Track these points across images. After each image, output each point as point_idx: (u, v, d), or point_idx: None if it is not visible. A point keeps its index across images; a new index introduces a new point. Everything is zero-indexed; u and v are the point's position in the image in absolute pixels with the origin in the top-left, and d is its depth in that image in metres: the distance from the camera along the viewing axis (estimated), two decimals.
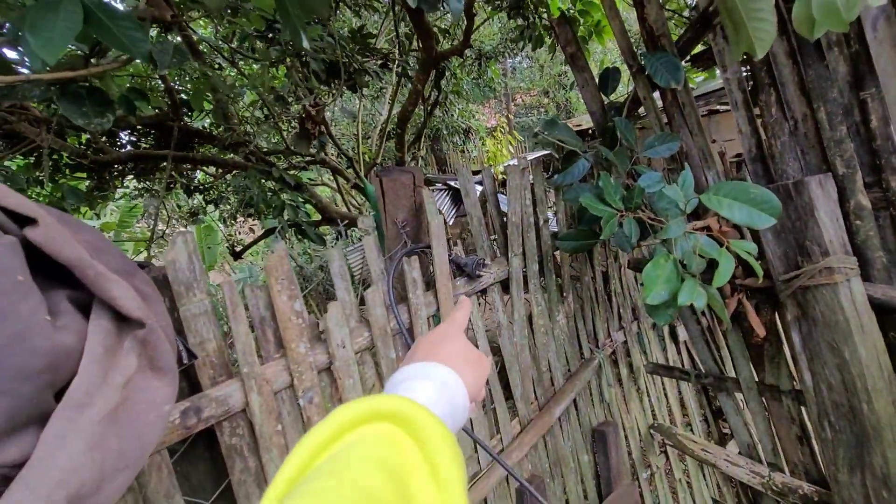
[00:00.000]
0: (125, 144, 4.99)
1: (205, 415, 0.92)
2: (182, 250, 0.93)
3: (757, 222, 1.13)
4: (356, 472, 0.32)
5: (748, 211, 1.14)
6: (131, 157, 4.53)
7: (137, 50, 1.16)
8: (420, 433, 0.36)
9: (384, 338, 1.22)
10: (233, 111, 4.44)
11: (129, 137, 5.08)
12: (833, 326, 1.42)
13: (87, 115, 1.41)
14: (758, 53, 0.98)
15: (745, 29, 0.97)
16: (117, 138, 4.85)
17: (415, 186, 1.41)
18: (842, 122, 1.45)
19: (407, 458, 0.35)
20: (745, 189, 1.16)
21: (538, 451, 1.70)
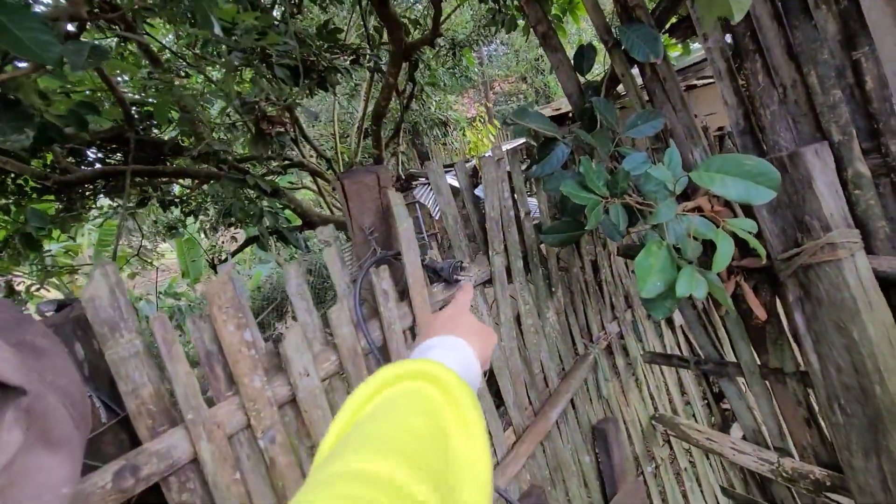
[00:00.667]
0: (93, 162, 4.77)
1: (144, 473, 0.80)
2: (102, 285, 0.79)
3: (755, 197, 1.03)
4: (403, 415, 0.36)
5: (744, 185, 1.03)
6: (99, 175, 4.33)
7: (46, 54, 1.02)
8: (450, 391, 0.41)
9: (354, 359, 1.09)
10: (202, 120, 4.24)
11: (96, 155, 4.86)
12: (839, 305, 1.33)
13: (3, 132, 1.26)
14: (736, 16, 0.87)
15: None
16: (84, 156, 4.64)
17: (380, 187, 1.28)
18: (834, 85, 1.35)
19: (442, 409, 0.39)
20: (739, 162, 1.05)
21: (536, 459, 1.60)
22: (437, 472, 0.33)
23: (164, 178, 4.89)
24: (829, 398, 1.45)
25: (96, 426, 0.78)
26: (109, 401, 0.83)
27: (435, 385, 0.42)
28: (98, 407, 0.72)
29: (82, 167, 4.45)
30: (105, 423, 0.78)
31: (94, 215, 6.30)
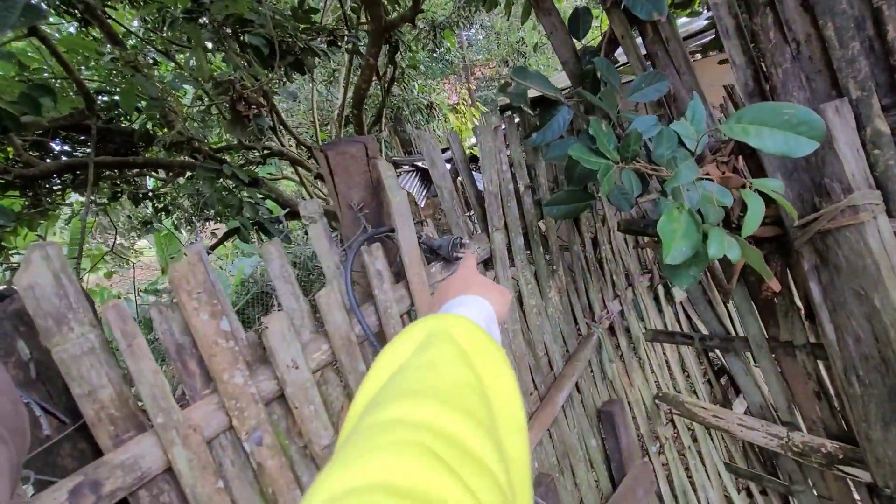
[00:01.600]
0: (58, 154, 4.51)
1: (107, 489, 0.67)
2: (42, 270, 0.66)
3: (795, 149, 0.93)
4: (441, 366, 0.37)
5: (783, 137, 0.94)
6: (63, 168, 4.09)
7: None
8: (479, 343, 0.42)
9: (348, 348, 0.98)
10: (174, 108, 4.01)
11: (61, 146, 4.59)
12: (860, 272, 1.26)
13: None
14: None
15: None
16: (48, 149, 4.37)
17: (368, 159, 1.16)
18: (853, 37, 1.26)
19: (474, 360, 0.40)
20: (777, 110, 0.95)
21: (544, 446, 1.52)
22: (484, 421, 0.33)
23: (134, 169, 4.65)
24: (846, 369, 1.40)
25: (41, 439, 0.65)
26: (64, 406, 0.70)
27: (464, 336, 0.42)
28: (39, 416, 0.60)
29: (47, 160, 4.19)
30: (49, 435, 0.65)
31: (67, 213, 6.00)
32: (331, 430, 0.94)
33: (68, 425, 0.66)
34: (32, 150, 4.10)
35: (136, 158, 4.32)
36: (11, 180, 3.63)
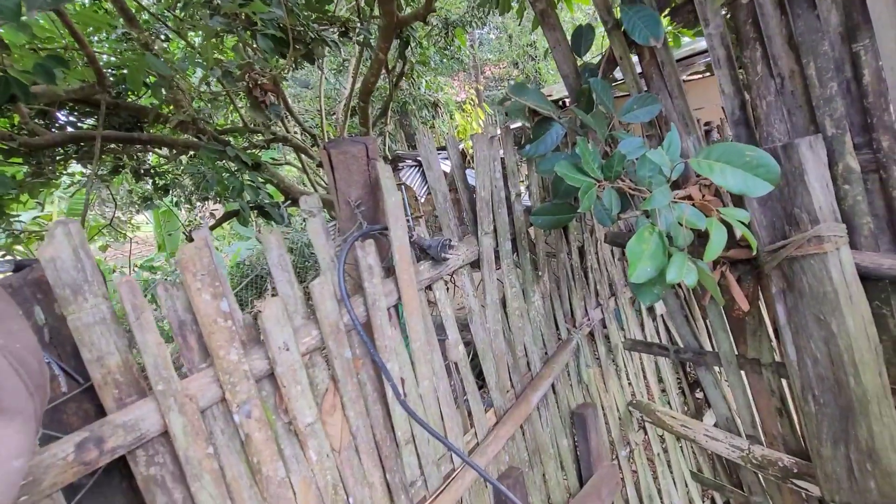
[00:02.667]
0: (64, 126, 4.56)
1: (109, 445, 0.75)
2: (64, 245, 0.73)
3: (752, 189, 1.02)
4: None
5: (743, 176, 1.02)
6: (69, 139, 4.13)
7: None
8: None
9: (336, 335, 1.06)
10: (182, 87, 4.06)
11: (67, 118, 4.63)
12: (821, 298, 1.35)
13: None
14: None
15: None
16: (54, 119, 4.41)
17: (368, 159, 1.23)
18: (832, 78, 1.34)
19: None
20: (740, 152, 1.03)
21: (516, 441, 1.60)
22: None
23: (139, 144, 4.69)
24: (803, 388, 1.48)
25: (57, 396, 0.72)
26: (72, 369, 0.78)
27: None
28: (58, 375, 0.67)
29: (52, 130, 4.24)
30: (66, 392, 0.72)
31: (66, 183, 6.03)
32: (315, 409, 1.02)
33: (81, 385, 0.74)
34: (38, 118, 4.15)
35: (141, 135, 4.37)
36: (16, 148, 3.67)
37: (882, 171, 1.33)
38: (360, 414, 1.11)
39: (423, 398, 1.27)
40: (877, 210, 1.37)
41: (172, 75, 3.50)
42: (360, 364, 1.12)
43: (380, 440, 1.16)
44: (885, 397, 1.36)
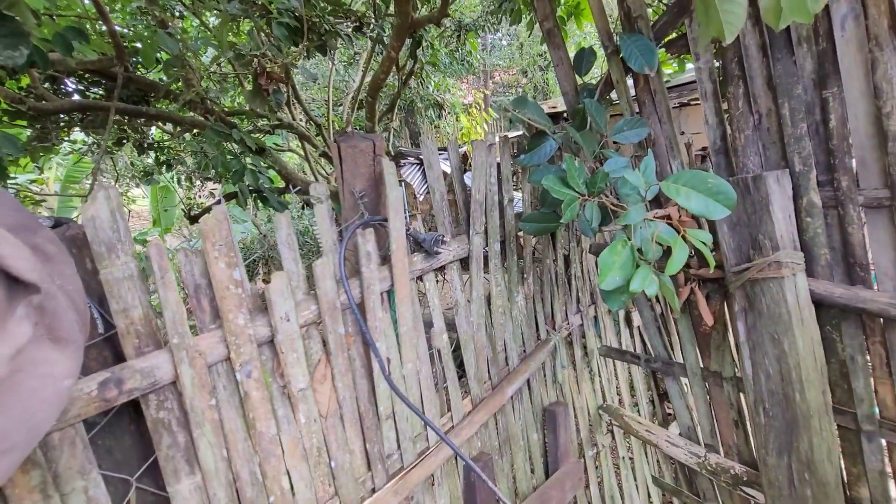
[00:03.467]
0: (72, 93, 4.61)
1: (127, 387, 0.85)
2: (104, 206, 0.83)
3: (712, 212, 1.14)
4: None
5: (704, 201, 1.14)
6: (77, 108, 4.19)
7: None
8: None
9: (332, 312, 1.16)
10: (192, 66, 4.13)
11: (76, 86, 4.69)
12: (776, 319, 1.47)
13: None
14: (726, 38, 0.95)
15: (715, 11, 0.94)
16: (62, 85, 4.47)
17: (375, 155, 1.34)
18: (803, 119, 1.47)
19: None
20: (704, 179, 1.16)
21: (489, 429, 1.71)
22: None
23: (147, 119, 4.76)
24: (756, 401, 1.61)
25: (94, 335, 0.82)
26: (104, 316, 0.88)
27: None
28: (96, 318, 0.77)
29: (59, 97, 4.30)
30: (102, 333, 0.83)
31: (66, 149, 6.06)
32: (307, 377, 1.12)
33: (113, 329, 0.84)
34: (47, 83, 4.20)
35: (150, 109, 4.44)
36: (24, 111, 3.73)
37: (840, 209, 1.46)
38: (348, 386, 1.22)
39: (405, 379, 1.38)
40: (834, 243, 1.50)
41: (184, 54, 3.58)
42: (351, 341, 1.23)
43: (363, 412, 1.26)
44: (826, 414, 1.49)
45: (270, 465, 1.06)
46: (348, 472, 1.22)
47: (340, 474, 1.20)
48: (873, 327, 1.47)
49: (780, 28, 1.01)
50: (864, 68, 1.35)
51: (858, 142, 1.40)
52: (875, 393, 1.52)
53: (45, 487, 0.77)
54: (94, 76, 4.25)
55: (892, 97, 1.30)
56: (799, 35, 1.44)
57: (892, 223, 1.38)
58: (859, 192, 1.41)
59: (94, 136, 5.33)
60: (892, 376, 1.47)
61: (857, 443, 1.57)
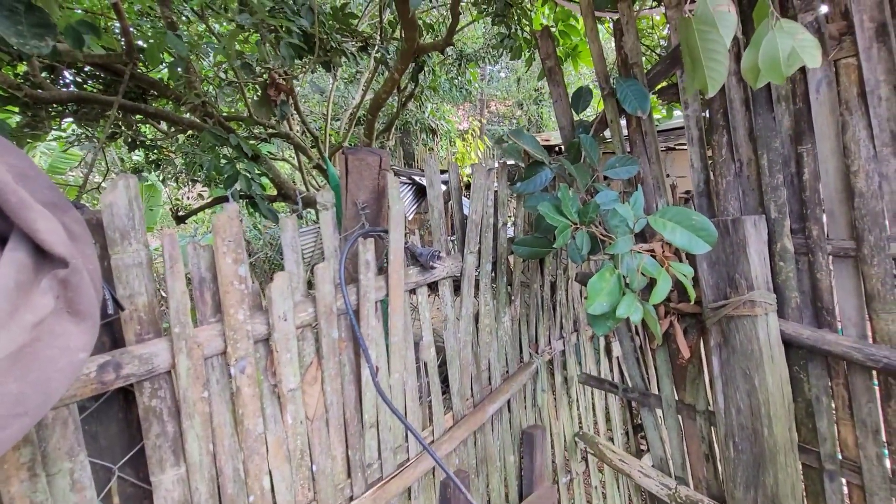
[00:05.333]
0: (69, 84, 4.61)
1: (125, 372, 0.86)
2: (122, 194, 0.86)
3: (694, 247, 1.22)
4: None
5: (688, 236, 1.22)
6: (74, 99, 4.18)
7: None
8: None
9: (328, 316, 1.19)
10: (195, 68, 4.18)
11: (73, 77, 4.69)
12: (748, 355, 1.55)
13: (22, 35, 1.28)
14: (709, 91, 1.05)
15: (701, 67, 1.04)
16: (60, 76, 4.47)
17: (380, 169, 1.40)
18: (780, 170, 1.58)
19: None
20: (688, 215, 1.24)
21: (467, 446, 1.73)
22: None
23: (146, 116, 4.76)
24: (726, 434, 1.67)
25: (105, 316, 0.84)
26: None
27: None
28: (108, 300, 0.79)
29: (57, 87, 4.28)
30: (112, 314, 0.84)
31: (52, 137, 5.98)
32: (298, 378, 1.14)
33: (122, 310, 0.85)
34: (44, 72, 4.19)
35: (149, 107, 4.45)
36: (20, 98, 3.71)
37: (811, 256, 1.56)
38: (336, 391, 1.24)
39: (392, 388, 1.40)
40: (804, 287, 1.60)
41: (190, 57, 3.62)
42: (343, 346, 1.25)
43: (348, 419, 1.28)
44: (792, 450, 1.55)
45: (254, 464, 1.07)
46: (329, 477, 1.22)
47: (321, 479, 1.21)
48: (837, 370, 1.56)
49: (758, 86, 1.11)
50: (836, 129, 1.48)
51: (828, 195, 1.52)
52: (837, 433, 1.59)
53: (34, 465, 0.77)
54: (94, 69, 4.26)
55: (858, 157, 1.43)
56: (778, 94, 1.57)
57: (856, 272, 1.49)
58: (828, 242, 1.52)
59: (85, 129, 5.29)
60: (853, 418, 1.55)
61: (819, 481, 1.64)
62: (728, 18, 1.06)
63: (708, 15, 1.07)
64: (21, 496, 0.77)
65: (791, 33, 1.05)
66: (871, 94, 1.39)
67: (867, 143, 1.41)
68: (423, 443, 1.17)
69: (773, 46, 1.06)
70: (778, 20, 1.07)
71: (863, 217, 1.43)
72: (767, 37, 1.06)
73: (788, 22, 1.07)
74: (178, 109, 4.59)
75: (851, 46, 1.41)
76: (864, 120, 1.41)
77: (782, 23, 1.07)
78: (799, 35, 1.05)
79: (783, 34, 1.05)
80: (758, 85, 1.11)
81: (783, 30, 1.06)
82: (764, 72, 1.07)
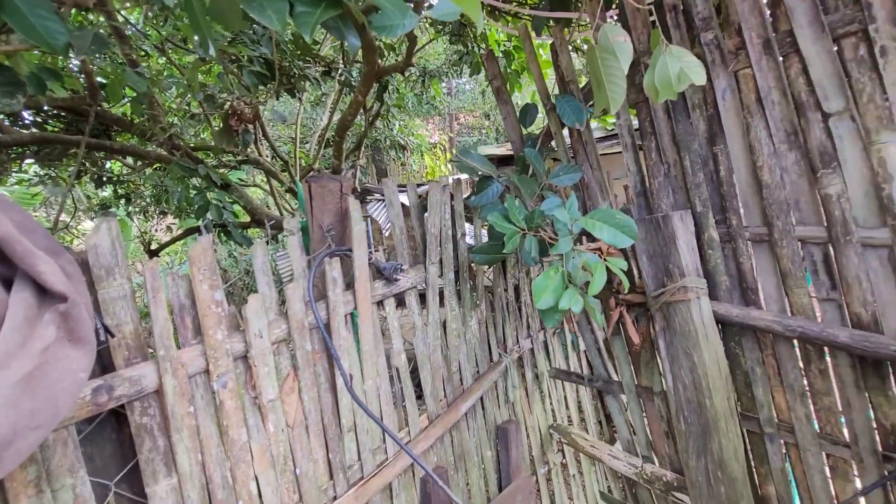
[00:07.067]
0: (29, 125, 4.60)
1: (117, 393, 0.97)
2: (105, 236, 0.97)
3: (619, 242, 1.39)
4: None
5: (613, 232, 1.40)
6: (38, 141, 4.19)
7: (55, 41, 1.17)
8: None
9: (301, 331, 1.31)
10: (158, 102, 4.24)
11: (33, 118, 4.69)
12: (687, 335, 1.73)
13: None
14: (611, 109, 1.23)
15: (604, 89, 1.22)
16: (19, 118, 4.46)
17: (342, 194, 1.53)
18: (700, 169, 1.78)
19: None
20: (613, 215, 1.41)
21: (444, 444, 1.85)
22: None
23: (111, 152, 4.78)
24: (677, 410, 1.84)
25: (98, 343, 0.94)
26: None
27: None
28: (99, 329, 0.89)
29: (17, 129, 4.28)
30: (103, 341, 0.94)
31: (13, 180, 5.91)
32: (276, 389, 1.25)
33: (113, 336, 0.96)
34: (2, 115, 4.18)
35: (114, 143, 4.48)
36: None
37: (733, 242, 1.76)
38: (313, 399, 1.35)
39: (366, 394, 1.52)
40: (731, 271, 1.79)
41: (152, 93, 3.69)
42: (317, 357, 1.37)
43: (327, 424, 1.39)
44: (732, 417, 1.73)
45: (240, 471, 1.17)
46: (312, 479, 1.33)
47: (304, 481, 1.31)
48: (766, 342, 1.75)
49: (659, 101, 1.30)
50: (741, 130, 1.68)
51: (742, 188, 1.72)
52: (772, 399, 1.78)
53: (39, 482, 0.87)
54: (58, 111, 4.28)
55: (762, 154, 1.63)
56: (693, 102, 1.78)
57: (772, 254, 1.68)
58: (746, 229, 1.72)
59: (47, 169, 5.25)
60: (783, 384, 1.74)
61: (762, 444, 1.82)
62: (625, 48, 1.25)
63: (608, 45, 1.25)
64: None
65: (679, 57, 1.24)
66: (765, 99, 1.60)
67: (768, 141, 1.62)
68: (398, 441, 1.29)
69: (665, 68, 1.25)
70: (668, 46, 1.26)
71: (771, 206, 1.63)
72: (660, 61, 1.25)
73: (677, 48, 1.26)
74: (143, 143, 4.63)
75: (746, 59, 1.62)
76: (763, 121, 1.62)
77: (671, 48, 1.26)
78: (685, 58, 1.25)
79: (672, 58, 1.24)
80: (658, 100, 1.30)
81: (672, 54, 1.25)
82: (660, 89, 1.26)
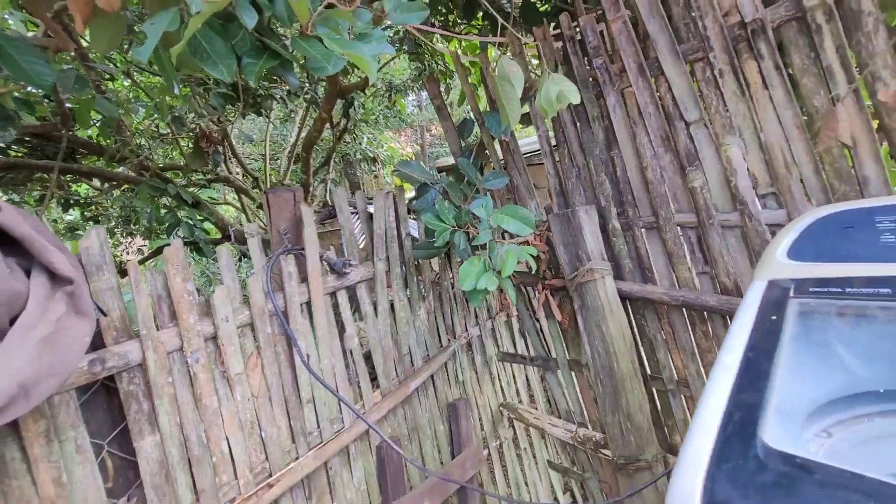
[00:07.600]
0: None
1: (108, 365, 1.21)
2: (95, 240, 1.22)
3: (522, 232, 1.70)
4: None
5: (517, 224, 1.71)
6: (4, 167, 4.30)
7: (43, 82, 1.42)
8: None
9: (262, 316, 1.57)
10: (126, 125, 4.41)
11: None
12: (596, 311, 2.05)
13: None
14: (512, 125, 1.55)
15: (505, 109, 1.54)
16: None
17: (295, 202, 1.80)
18: (602, 170, 2.13)
19: None
20: (517, 210, 1.73)
21: (397, 417, 2.11)
22: None
23: (80, 175, 4.89)
24: (595, 375, 2.16)
25: None
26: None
27: None
28: (95, 308, 1.13)
29: None
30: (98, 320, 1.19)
31: None
32: (242, 365, 1.50)
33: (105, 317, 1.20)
34: None
35: (82, 166, 4.61)
36: None
37: (631, 230, 2.10)
38: (275, 374, 1.60)
39: (323, 372, 1.77)
40: (632, 255, 2.13)
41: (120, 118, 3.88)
42: (276, 339, 1.63)
43: (287, 396, 1.64)
44: (636, 377, 2.05)
45: (213, 432, 1.41)
46: (276, 442, 1.58)
47: (270, 444, 1.56)
48: (662, 312, 2.09)
49: (550, 117, 1.63)
50: (630, 137, 2.04)
51: (634, 185, 2.07)
52: (672, 361, 2.12)
53: (49, 433, 1.10)
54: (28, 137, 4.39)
55: (646, 156, 1.98)
56: (592, 115, 2.13)
57: (660, 239, 2.03)
58: (640, 219, 2.06)
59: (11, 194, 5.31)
60: (678, 347, 2.08)
61: (668, 401, 2.15)
62: (518, 76, 1.58)
63: (504, 73, 1.57)
64: (42, 457, 1.09)
65: (558, 83, 1.58)
66: (644, 112, 1.96)
67: (649, 146, 1.97)
68: (352, 407, 1.55)
69: (548, 92, 1.58)
70: (550, 74, 1.60)
71: (655, 198, 1.98)
72: (544, 86, 1.58)
73: (558, 75, 1.60)
74: (110, 165, 4.76)
75: (627, 80, 1.98)
76: (644, 130, 1.97)
77: (553, 76, 1.59)
78: (564, 84, 1.58)
79: (553, 83, 1.57)
80: (548, 116, 1.62)
81: (553, 81, 1.58)
82: (546, 108, 1.59)
